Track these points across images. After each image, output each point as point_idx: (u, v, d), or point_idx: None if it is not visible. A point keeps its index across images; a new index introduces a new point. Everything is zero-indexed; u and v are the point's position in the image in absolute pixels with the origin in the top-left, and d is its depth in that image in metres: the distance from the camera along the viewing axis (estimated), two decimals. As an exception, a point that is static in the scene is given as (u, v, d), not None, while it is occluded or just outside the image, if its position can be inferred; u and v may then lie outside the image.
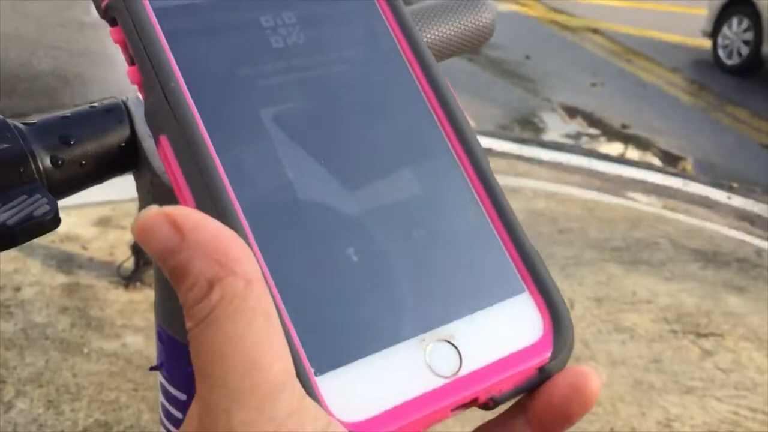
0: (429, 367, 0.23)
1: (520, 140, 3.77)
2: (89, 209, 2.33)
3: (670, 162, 3.90)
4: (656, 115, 4.56)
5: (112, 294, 2.02)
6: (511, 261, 0.26)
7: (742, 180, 3.64)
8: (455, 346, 0.24)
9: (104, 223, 2.27)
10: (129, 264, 2.09)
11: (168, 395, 0.47)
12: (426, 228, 0.26)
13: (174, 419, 0.48)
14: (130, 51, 0.25)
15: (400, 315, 0.24)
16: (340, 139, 0.26)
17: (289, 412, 0.20)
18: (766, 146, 4.29)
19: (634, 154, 4.00)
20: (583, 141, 4.06)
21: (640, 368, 2.02)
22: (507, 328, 0.25)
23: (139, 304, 2.00)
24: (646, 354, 2.10)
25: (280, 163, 0.25)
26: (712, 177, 3.66)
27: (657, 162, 3.88)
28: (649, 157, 3.96)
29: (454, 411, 0.24)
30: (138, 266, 2.06)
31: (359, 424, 0.22)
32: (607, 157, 3.75)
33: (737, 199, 3.40)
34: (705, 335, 2.23)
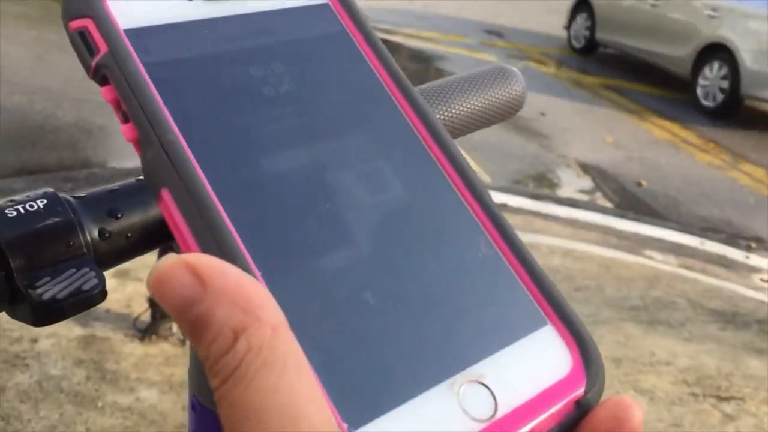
0: (464, 411, 0.22)
1: (536, 196, 3.78)
2: (108, 261, 2.34)
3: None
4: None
5: (127, 347, 2.02)
6: (530, 294, 0.26)
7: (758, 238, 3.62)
8: (487, 387, 0.23)
9: (122, 275, 2.28)
10: (145, 316, 2.09)
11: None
12: (440, 267, 0.25)
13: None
14: (124, 108, 0.25)
15: (427, 359, 0.23)
16: (345, 182, 0.26)
17: None
18: None
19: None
20: (598, 197, 4.06)
21: (661, 432, 1.98)
22: (536, 363, 0.24)
23: (154, 358, 1.99)
24: (666, 417, 2.05)
25: (286, 210, 0.24)
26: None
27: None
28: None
29: None
30: (155, 319, 2.06)
31: None
32: (624, 215, 3.74)
33: (755, 258, 3.38)
34: (726, 399, 2.19)
